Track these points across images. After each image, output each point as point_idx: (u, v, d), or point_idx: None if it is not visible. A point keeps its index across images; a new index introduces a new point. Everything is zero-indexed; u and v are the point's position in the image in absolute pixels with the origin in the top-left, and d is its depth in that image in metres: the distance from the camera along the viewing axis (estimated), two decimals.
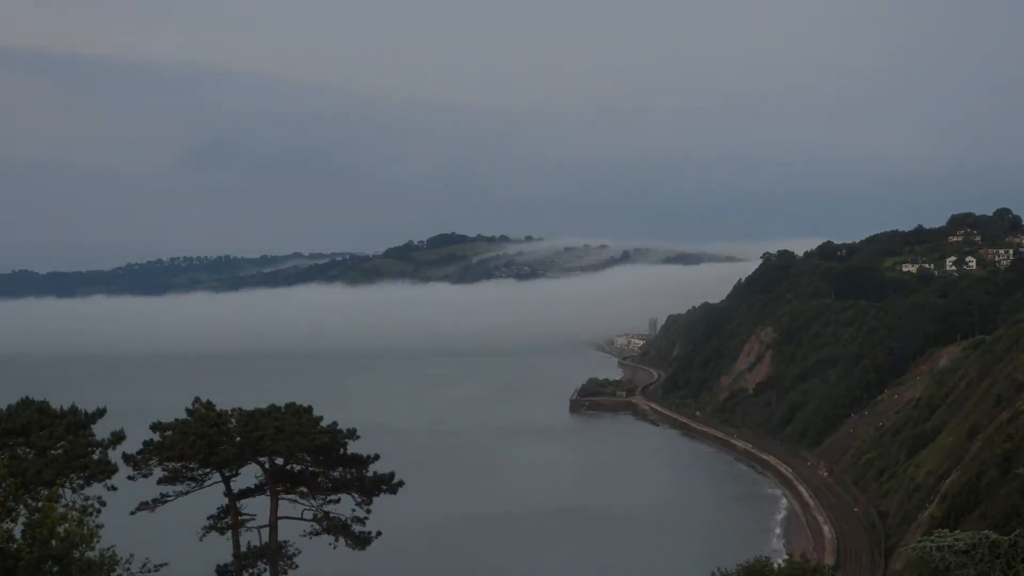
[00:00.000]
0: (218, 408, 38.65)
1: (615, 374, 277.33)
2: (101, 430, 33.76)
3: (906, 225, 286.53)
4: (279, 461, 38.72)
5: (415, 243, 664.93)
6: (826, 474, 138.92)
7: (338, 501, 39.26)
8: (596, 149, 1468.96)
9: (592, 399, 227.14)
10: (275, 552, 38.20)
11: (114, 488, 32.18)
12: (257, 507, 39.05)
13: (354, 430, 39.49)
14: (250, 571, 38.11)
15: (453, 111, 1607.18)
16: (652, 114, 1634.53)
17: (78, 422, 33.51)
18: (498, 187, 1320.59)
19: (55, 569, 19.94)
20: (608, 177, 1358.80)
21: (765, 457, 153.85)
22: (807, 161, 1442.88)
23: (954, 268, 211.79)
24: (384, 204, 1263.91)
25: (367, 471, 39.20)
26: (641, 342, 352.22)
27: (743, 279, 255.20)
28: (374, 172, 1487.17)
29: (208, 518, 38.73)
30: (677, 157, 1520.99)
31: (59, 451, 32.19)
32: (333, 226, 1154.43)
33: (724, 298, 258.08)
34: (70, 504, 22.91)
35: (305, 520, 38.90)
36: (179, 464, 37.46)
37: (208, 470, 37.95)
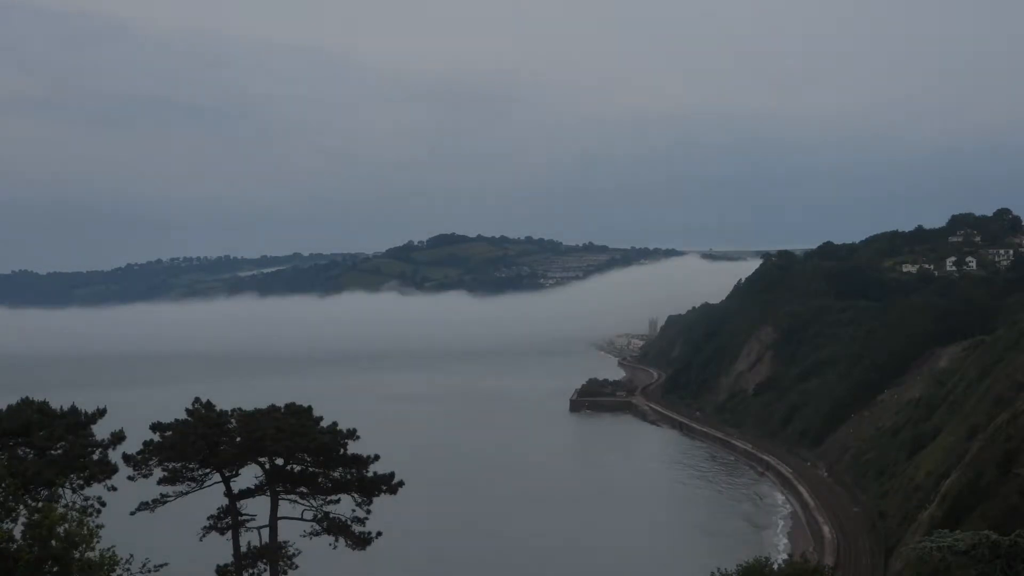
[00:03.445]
0: (218, 408, 38.66)
1: (615, 374, 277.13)
2: (101, 430, 33.72)
3: (906, 225, 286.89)
4: (279, 461, 38.70)
5: (415, 243, 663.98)
6: (826, 474, 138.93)
7: (338, 501, 39.24)
8: (596, 150, 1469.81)
9: (592, 399, 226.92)
10: (275, 552, 38.18)
11: (114, 488, 32.10)
12: (257, 507, 39.02)
13: (354, 430, 39.49)
14: (250, 571, 38.08)
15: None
16: (653, 113, 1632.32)
17: (78, 422, 33.45)
18: (498, 187, 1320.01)
19: (55, 569, 19.91)
20: (609, 178, 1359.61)
21: (765, 457, 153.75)
22: (810, 159, 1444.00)
23: (954, 268, 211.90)
24: (383, 201, 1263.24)
25: (367, 471, 39.19)
26: (641, 342, 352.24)
27: (743, 279, 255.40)
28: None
29: (208, 518, 38.71)
30: (677, 156, 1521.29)
31: (59, 451, 32.16)
32: (333, 226, 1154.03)
33: (724, 298, 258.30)
34: (70, 504, 22.84)
35: (305, 520, 38.87)
36: (179, 464, 37.48)
37: (208, 470, 37.97)
